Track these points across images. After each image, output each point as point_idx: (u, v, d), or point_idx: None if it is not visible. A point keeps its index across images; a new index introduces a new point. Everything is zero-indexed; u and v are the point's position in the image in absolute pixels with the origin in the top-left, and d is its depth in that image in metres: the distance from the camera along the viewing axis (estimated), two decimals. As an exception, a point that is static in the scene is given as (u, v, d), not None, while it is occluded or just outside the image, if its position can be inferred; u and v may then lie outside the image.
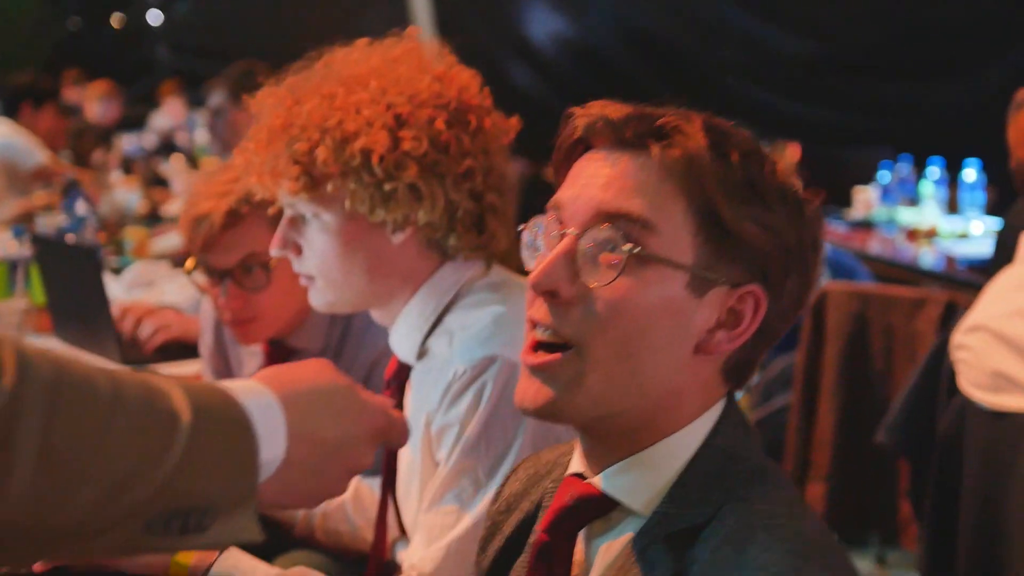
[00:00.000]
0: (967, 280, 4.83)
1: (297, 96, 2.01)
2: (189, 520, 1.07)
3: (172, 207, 6.43)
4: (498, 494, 1.65)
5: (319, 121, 1.97)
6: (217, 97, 5.72)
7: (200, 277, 2.68)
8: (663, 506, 1.34)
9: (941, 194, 5.95)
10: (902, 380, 3.95)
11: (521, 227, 1.43)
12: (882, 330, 4.06)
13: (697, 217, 1.31)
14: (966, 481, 2.97)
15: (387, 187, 1.97)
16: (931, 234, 5.65)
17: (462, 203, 2.02)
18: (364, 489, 2.44)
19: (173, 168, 7.49)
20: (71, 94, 11.13)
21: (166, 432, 1.05)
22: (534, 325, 1.37)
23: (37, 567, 1.84)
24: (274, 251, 2.09)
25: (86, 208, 4.64)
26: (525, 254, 1.42)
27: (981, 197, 5.87)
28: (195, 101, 11.89)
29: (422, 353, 2.08)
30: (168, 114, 11.53)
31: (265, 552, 1.98)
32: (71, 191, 4.95)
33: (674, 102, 1.39)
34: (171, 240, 5.05)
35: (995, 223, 5.55)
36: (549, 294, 1.34)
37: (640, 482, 1.36)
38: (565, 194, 1.39)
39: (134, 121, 11.47)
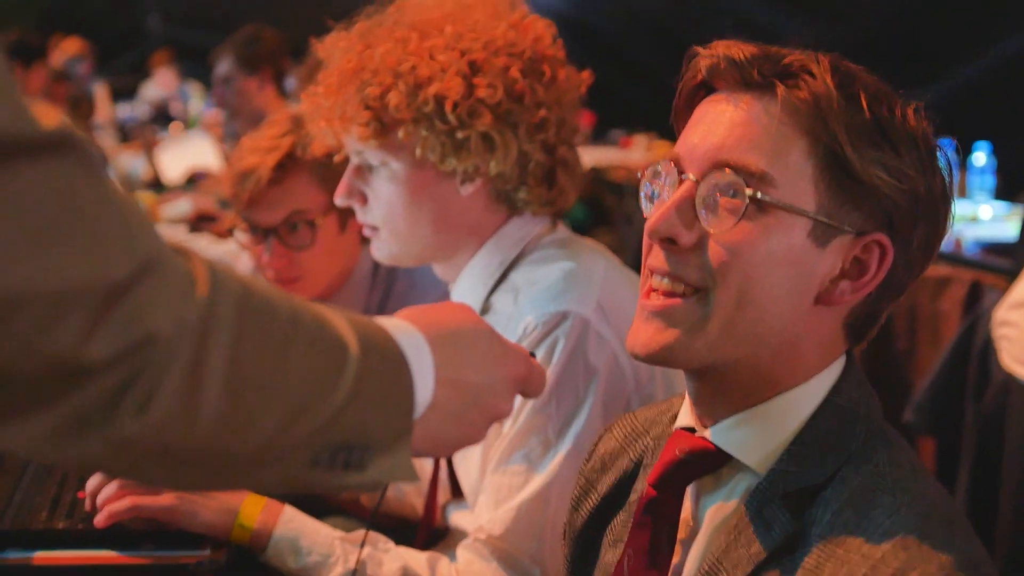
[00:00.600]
0: (979, 262, 4.80)
1: (368, 40, 1.95)
2: (352, 456, 1.02)
3: (176, 176, 6.35)
4: (591, 452, 1.61)
5: (392, 65, 1.91)
6: (224, 65, 5.65)
7: (243, 235, 2.61)
8: (781, 464, 1.29)
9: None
10: (925, 361, 3.92)
11: (640, 174, 1.38)
12: (905, 310, 4.03)
13: (821, 162, 1.27)
14: (1007, 458, 2.94)
15: (460, 135, 1.91)
16: (941, 217, 5.62)
17: (534, 155, 1.96)
18: (409, 454, 2.38)
19: (172, 137, 7.40)
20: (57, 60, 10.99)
21: (338, 361, 1.00)
22: (652, 273, 1.33)
23: (99, 521, 1.79)
24: (339, 199, 2.03)
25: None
26: (644, 203, 1.37)
27: (991, 181, 5.82)
28: (186, 72, 11.78)
29: (485, 309, 2.03)
30: (160, 84, 11.41)
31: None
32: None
33: (799, 44, 1.34)
34: (180, 206, 4.98)
35: (1004, 207, 5.53)
36: (667, 241, 1.30)
37: (755, 438, 1.32)
38: (685, 142, 1.34)
39: (125, 91, 11.33)
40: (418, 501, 2.31)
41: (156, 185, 5.89)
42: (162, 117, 9.55)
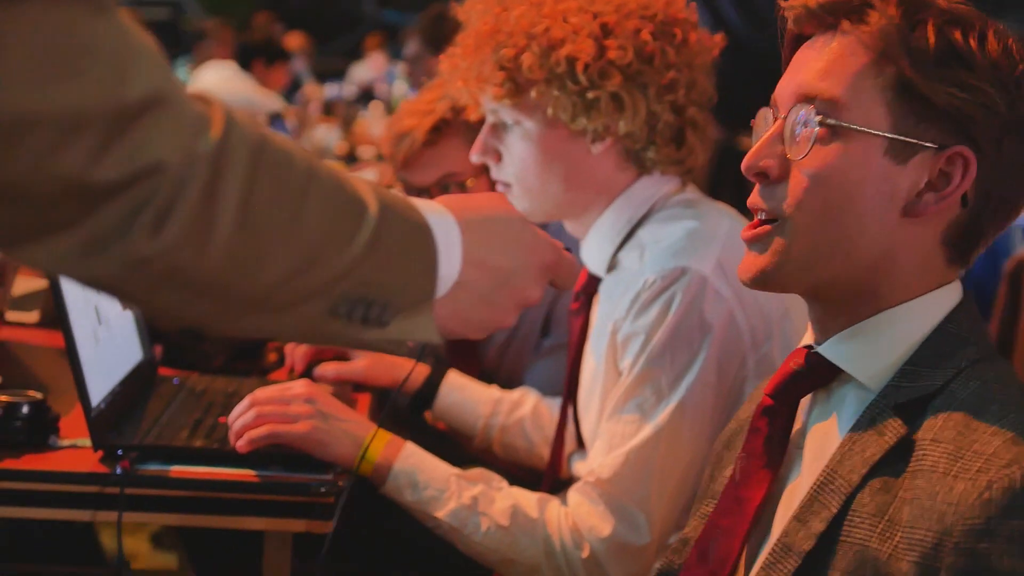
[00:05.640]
0: None
1: (505, 3, 2.04)
2: (371, 311, 1.09)
3: (369, 150, 6.55)
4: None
5: (526, 27, 1.99)
6: (412, 45, 5.82)
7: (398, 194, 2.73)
8: (895, 380, 1.38)
9: None
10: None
11: (752, 122, 1.49)
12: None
13: (890, 85, 1.36)
14: None
15: (590, 95, 1.98)
16: None
17: (663, 115, 2.02)
18: (543, 407, 2.47)
19: (372, 115, 7.64)
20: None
21: (354, 216, 1.07)
22: (753, 211, 1.45)
23: (240, 446, 1.91)
24: (474, 156, 2.13)
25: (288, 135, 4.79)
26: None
27: None
28: (395, 54, 12.11)
29: (612, 266, 2.09)
30: (370, 67, 11.76)
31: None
32: (275, 122, 5.10)
33: None
34: (369, 175, 5.17)
35: None
36: (761, 175, 1.42)
37: (863, 351, 1.41)
38: (779, 86, 1.46)
39: (336, 73, 11.74)
40: (547, 451, 2.39)
41: (349, 158, 6.12)
42: (366, 97, 9.85)
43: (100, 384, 1.99)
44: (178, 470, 1.90)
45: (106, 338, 2.08)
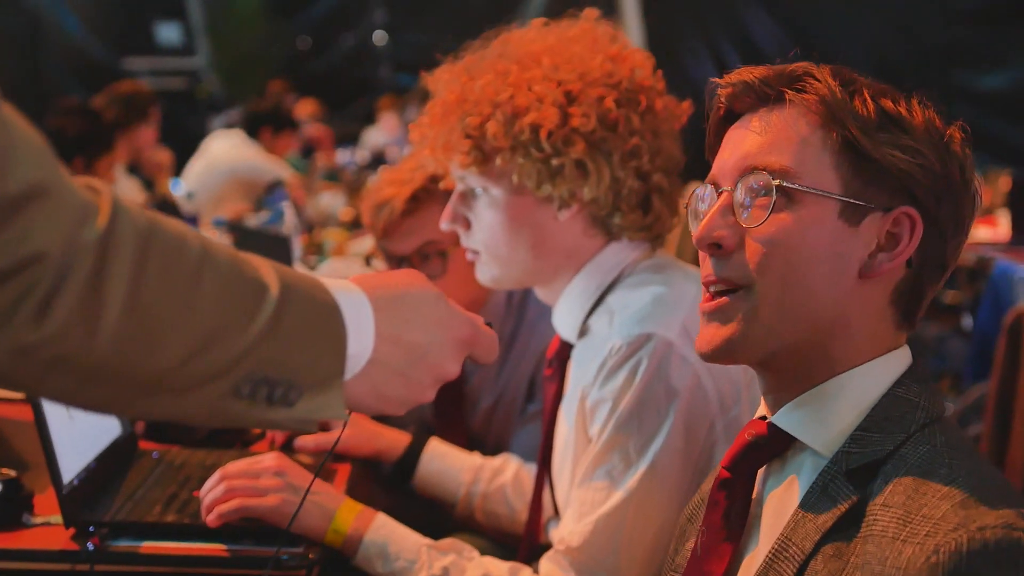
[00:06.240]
0: None
1: (472, 72, 2.05)
2: (275, 391, 1.09)
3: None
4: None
5: (492, 96, 2.01)
6: (412, 110, 5.87)
7: (380, 264, 2.75)
8: (844, 446, 1.39)
9: None
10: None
11: (685, 202, 1.53)
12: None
13: (837, 149, 1.40)
14: None
15: (554, 162, 1.99)
16: None
17: (628, 181, 2.03)
18: (524, 473, 2.46)
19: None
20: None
21: (253, 298, 1.07)
22: (706, 285, 1.46)
23: (210, 521, 1.91)
24: (444, 224, 2.14)
25: (286, 204, 4.82)
26: (691, 225, 1.51)
27: None
28: (412, 118, 12.13)
29: (583, 332, 2.09)
30: (384, 129, 11.80)
31: (425, 535, 2.02)
32: (274, 189, 5.13)
33: (804, 60, 1.49)
34: (366, 243, 5.18)
35: None
36: (714, 246, 1.43)
37: (815, 418, 1.42)
38: (718, 162, 1.49)
39: (350, 138, 11.82)
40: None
41: (354, 224, 6.14)
42: (378, 162, 9.88)
43: (74, 461, 2.00)
44: (149, 546, 1.90)
45: (81, 415, 2.08)
